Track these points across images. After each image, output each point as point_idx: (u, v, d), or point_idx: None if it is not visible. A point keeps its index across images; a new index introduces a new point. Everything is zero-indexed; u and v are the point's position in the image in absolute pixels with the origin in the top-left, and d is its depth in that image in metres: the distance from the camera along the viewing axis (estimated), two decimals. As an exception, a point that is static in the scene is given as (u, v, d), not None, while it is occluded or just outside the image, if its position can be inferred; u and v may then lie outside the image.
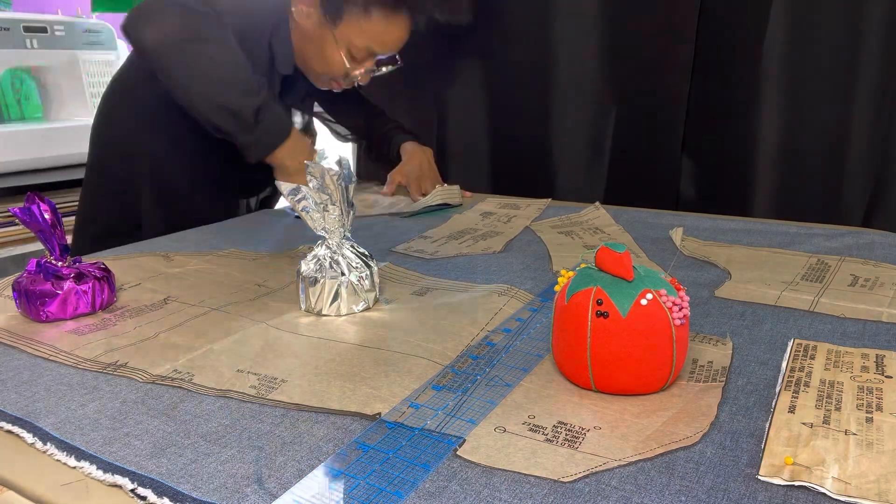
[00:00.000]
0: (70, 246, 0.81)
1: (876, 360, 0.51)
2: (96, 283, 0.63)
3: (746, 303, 0.64)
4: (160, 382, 0.50)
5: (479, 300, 0.65)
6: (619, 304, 0.45)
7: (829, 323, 0.59)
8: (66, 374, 0.52)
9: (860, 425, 0.42)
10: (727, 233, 0.88)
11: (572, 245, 0.85)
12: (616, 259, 0.46)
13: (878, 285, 0.67)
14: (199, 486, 0.38)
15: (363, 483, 0.37)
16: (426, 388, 0.48)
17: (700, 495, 0.36)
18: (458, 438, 0.42)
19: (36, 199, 0.62)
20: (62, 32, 1.50)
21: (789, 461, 0.38)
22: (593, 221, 0.96)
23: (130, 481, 0.38)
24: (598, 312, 0.45)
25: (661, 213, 1.00)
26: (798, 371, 0.49)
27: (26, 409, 0.46)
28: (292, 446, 0.41)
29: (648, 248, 0.82)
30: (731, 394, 0.47)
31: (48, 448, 0.41)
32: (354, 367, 0.52)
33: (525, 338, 0.57)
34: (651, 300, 0.45)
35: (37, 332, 0.60)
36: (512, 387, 0.48)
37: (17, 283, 0.62)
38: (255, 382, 0.50)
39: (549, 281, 0.71)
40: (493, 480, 0.38)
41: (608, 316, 0.45)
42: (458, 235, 0.91)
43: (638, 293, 0.45)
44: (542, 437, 0.42)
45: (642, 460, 0.39)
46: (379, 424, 0.44)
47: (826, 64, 0.96)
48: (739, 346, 0.55)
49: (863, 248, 0.80)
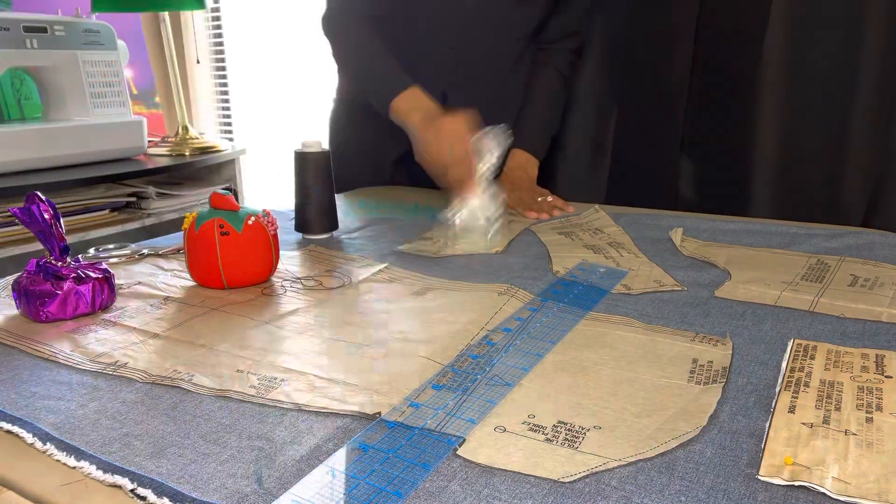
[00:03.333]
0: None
1: (876, 360, 0.51)
2: (96, 284, 0.63)
3: (746, 303, 0.64)
4: (160, 382, 0.50)
5: (480, 300, 0.65)
6: (234, 225, 0.68)
7: (829, 323, 0.59)
8: (66, 374, 0.52)
9: (860, 425, 0.42)
10: (727, 233, 0.88)
11: (572, 245, 0.85)
12: (226, 200, 0.69)
13: (878, 285, 0.67)
14: (199, 486, 0.38)
15: (363, 483, 0.37)
16: (426, 388, 0.48)
17: (700, 495, 0.36)
18: (458, 438, 0.42)
19: (36, 199, 0.62)
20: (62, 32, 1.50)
21: (789, 461, 0.38)
22: (593, 223, 0.96)
23: (130, 481, 0.38)
24: (222, 233, 0.68)
25: (660, 214, 1.00)
26: (798, 371, 0.49)
27: (26, 409, 0.46)
28: (292, 446, 0.41)
29: (648, 249, 0.82)
30: (731, 394, 0.47)
31: (48, 448, 0.41)
32: (354, 367, 0.52)
33: (525, 337, 0.57)
34: (255, 221, 0.69)
35: (37, 332, 0.60)
36: (512, 387, 0.48)
37: (17, 283, 0.62)
38: (255, 382, 0.50)
39: (549, 281, 0.71)
40: (493, 480, 0.38)
41: (229, 234, 0.68)
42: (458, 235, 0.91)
43: (245, 217, 0.69)
44: (542, 437, 0.42)
45: (642, 460, 0.39)
46: (379, 424, 0.44)
47: (826, 64, 0.96)
48: (739, 346, 0.55)
49: (863, 248, 0.80)
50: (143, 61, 2.05)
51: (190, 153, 1.67)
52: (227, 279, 0.69)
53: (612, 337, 0.57)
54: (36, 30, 1.46)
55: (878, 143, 0.94)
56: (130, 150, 1.61)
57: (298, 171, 0.87)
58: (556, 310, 0.63)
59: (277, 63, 2.15)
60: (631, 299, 0.66)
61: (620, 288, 0.69)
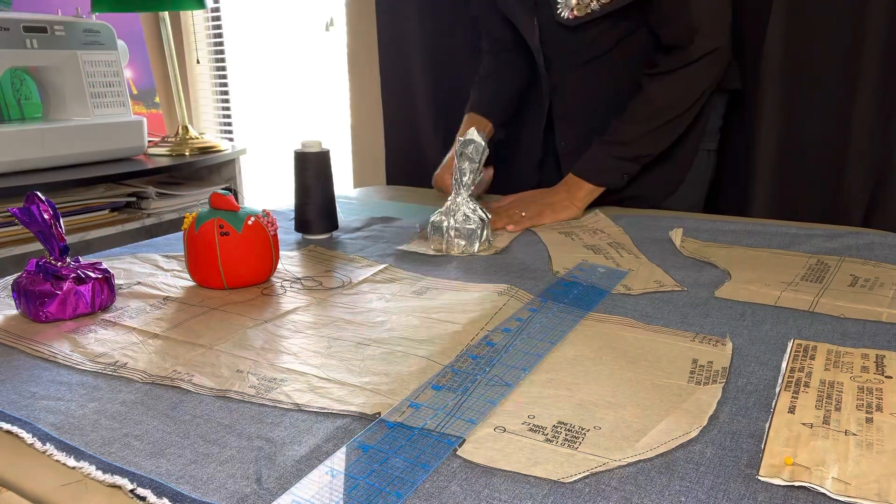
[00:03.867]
0: None
1: (876, 360, 0.51)
2: (96, 284, 0.63)
3: (746, 303, 0.64)
4: (160, 382, 0.50)
5: (480, 300, 0.65)
6: (234, 226, 0.68)
7: (828, 323, 0.59)
8: (65, 374, 0.52)
9: (860, 425, 0.42)
10: (727, 234, 0.88)
11: (572, 245, 0.85)
12: (226, 200, 0.69)
13: (878, 285, 0.67)
14: (199, 486, 0.38)
15: (363, 483, 0.37)
16: (426, 388, 0.48)
17: (700, 495, 0.36)
18: (457, 438, 0.42)
19: (36, 199, 0.62)
20: (62, 32, 1.50)
21: (789, 461, 0.38)
22: (593, 225, 0.95)
23: (130, 482, 0.38)
24: (222, 233, 0.68)
25: (660, 215, 0.99)
26: (798, 371, 0.49)
27: (26, 408, 0.46)
28: (292, 446, 0.41)
29: (648, 250, 0.82)
30: (731, 394, 0.47)
31: (48, 448, 0.41)
32: (354, 367, 0.52)
33: (525, 338, 0.57)
34: (254, 221, 0.69)
35: (37, 332, 0.60)
36: (512, 387, 0.48)
37: (17, 283, 0.62)
38: (255, 382, 0.50)
39: (549, 281, 0.71)
40: (493, 480, 0.38)
41: (229, 234, 0.68)
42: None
43: (245, 217, 0.69)
44: (542, 437, 0.42)
45: (642, 460, 0.39)
46: (379, 424, 0.44)
47: (826, 64, 0.96)
48: (739, 346, 0.55)
49: (863, 248, 0.80)
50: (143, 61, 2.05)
51: (190, 153, 1.66)
52: (227, 279, 0.69)
53: (612, 337, 0.57)
54: (36, 30, 1.46)
55: (878, 143, 0.94)
56: (130, 150, 1.61)
57: (298, 171, 0.87)
58: (556, 310, 0.63)
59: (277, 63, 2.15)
60: (631, 300, 0.66)
61: (620, 288, 0.69)
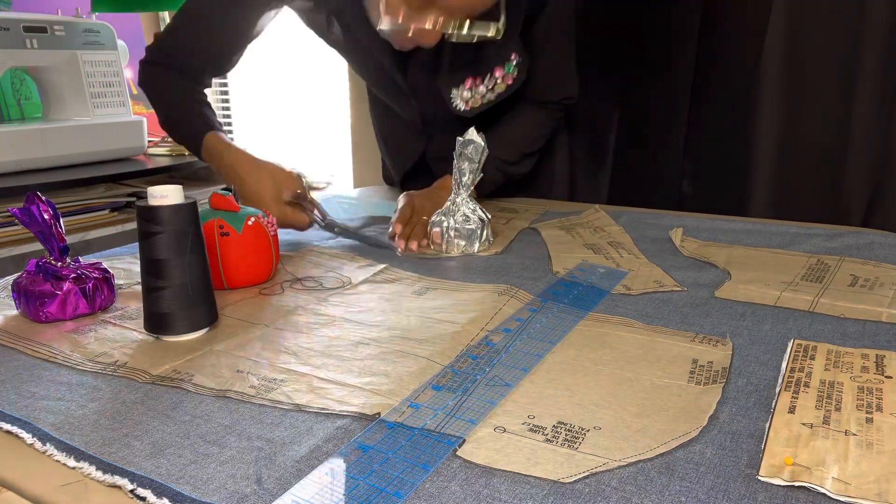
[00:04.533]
0: None
1: (876, 360, 0.50)
2: (96, 284, 0.63)
3: (746, 303, 0.64)
4: (160, 383, 0.50)
5: (479, 300, 0.65)
6: (234, 226, 0.68)
7: (828, 323, 0.59)
8: (65, 374, 0.52)
9: (860, 425, 0.42)
10: (727, 233, 0.88)
11: (572, 243, 0.85)
12: (226, 200, 0.68)
13: (878, 285, 0.67)
14: (199, 486, 0.38)
15: (363, 483, 0.37)
16: (426, 388, 0.48)
17: (700, 496, 0.36)
18: (457, 438, 0.42)
19: (36, 199, 0.62)
20: (62, 32, 1.50)
21: (789, 461, 0.38)
22: (594, 222, 0.96)
23: (130, 482, 0.38)
24: (222, 233, 0.67)
25: (660, 214, 1.00)
26: (798, 371, 0.49)
27: (26, 409, 0.46)
28: (292, 446, 0.41)
29: (648, 249, 0.82)
30: (731, 394, 0.47)
31: (48, 448, 0.41)
32: (354, 367, 0.52)
33: (525, 338, 0.57)
34: (254, 221, 0.69)
35: (36, 332, 0.60)
36: (512, 387, 0.48)
37: (17, 283, 0.62)
38: (255, 382, 0.50)
39: (549, 281, 0.71)
40: (493, 480, 0.38)
41: (229, 234, 0.67)
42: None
43: (245, 217, 0.68)
44: (541, 437, 0.42)
45: (642, 461, 0.39)
46: (379, 424, 0.44)
47: (826, 64, 0.96)
48: (739, 346, 0.55)
49: (863, 248, 0.80)
50: (143, 61, 2.05)
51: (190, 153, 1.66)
52: (227, 279, 0.69)
53: (612, 337, 0.57)
54: (36, 30, 1.46)
55: (878, 143, 0.94)
56: (130, 150, 1.61)
57: (144, 236, 0.55)
58: (555, 310, 0.63)
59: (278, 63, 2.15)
60: (631, 300, 0.66)
61: (620, 288, 0.69)
